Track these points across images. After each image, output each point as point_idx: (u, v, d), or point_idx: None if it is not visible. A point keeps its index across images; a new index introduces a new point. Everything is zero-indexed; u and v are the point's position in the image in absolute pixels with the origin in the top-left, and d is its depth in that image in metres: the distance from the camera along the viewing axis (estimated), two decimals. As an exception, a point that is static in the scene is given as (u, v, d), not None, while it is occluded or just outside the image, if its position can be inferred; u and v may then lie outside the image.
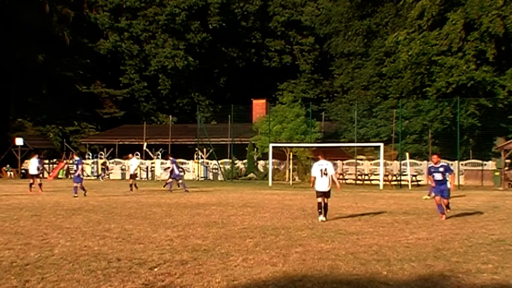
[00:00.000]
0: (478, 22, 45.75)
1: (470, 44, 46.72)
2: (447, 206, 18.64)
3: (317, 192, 17.22)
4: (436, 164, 18.70)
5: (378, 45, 59.45)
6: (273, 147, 43.48)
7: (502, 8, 45.15)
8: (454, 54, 47.07)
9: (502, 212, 21.04)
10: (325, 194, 17.21)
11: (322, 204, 17.09)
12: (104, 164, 54.31)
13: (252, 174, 51.53)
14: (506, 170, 43.07)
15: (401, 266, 10.02)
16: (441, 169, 18.46)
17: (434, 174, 18.43)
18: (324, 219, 16.92)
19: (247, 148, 52.70)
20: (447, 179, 18.52)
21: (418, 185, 42.14)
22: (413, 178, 42.44)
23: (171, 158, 34.02)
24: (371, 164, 48.96)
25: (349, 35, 62.12)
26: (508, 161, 43.47)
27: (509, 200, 28.03)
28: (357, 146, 48.97)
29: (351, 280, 8.95)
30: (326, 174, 17.07)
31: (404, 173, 43.16)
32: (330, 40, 67.15)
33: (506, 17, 44.87)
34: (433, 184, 18.54)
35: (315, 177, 17.33)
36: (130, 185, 33.45)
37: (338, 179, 20.56)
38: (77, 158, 31.08)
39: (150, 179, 52.48)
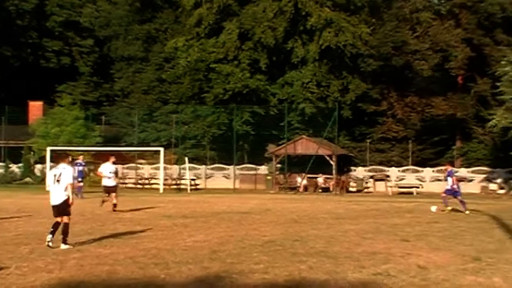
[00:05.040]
0: (252, 32, 47.98)
1: (245, 53, 48.75)
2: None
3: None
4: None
5: (158, 50, 59.86)
6: (51, 150, 42.12)
7: (272, 20, 47.72)
8: (230, 62, 48.74)
9: (273, 214, 22.31)
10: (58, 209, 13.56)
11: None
12: None
13: (28, 179, 49.48)
14: (277, 174, 45.73)
15: (178, 269, 10.33)
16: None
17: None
18: (51, 244, 12.89)
19: (23, 151, 50.49)
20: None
21: (197, 189, 43.18)
22: (192, 182, 43.41)
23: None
24: (151, 168, 49.27)
25: (129, 38, 61.92)
26: (278, 165, 46.16)
27: (280, 202, 29.76)
28: (137, 150, 49.03)
29: (129, 284, 9.10)
30: (59, 181, 13.41)
31: (183, 177, 44.02)
32: (110, 43, 66.43)
33: (276, 29, 47.53)
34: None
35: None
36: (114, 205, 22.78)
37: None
38: None
39: None
